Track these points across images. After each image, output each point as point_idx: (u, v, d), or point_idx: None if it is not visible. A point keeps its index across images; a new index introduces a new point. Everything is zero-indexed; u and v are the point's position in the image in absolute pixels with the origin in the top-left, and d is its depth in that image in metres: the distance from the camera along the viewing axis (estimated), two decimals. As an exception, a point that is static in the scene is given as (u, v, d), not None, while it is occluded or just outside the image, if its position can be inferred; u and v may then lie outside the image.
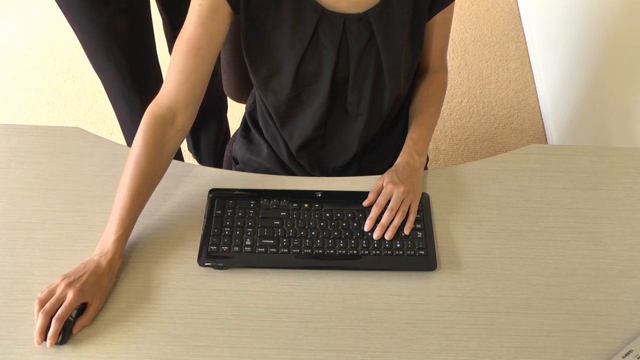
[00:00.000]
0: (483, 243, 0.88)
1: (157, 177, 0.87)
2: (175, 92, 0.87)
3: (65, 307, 0.75)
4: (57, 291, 0.76)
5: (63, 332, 0.75)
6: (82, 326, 0.77)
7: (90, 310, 0.78)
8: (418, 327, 0.79)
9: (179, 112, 0.88)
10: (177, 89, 0.87)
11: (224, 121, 1.69)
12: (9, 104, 2.12)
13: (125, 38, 1.27)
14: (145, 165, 0.84)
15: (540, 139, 2.05)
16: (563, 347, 0.78)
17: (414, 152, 0.95)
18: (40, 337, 0.74)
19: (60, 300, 0.76)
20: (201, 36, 0.85)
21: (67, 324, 0.76)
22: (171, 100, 0.87)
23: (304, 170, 1.09)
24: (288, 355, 0.76)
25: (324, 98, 0.95)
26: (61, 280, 0.77)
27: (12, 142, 0.98)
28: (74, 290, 0.76)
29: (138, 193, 0.83)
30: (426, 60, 1.03)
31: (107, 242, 0.80)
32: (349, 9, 0.87)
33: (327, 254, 0.85)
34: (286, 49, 0.89)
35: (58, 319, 0.74)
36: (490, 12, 2.49)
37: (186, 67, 0.86)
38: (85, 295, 0.77)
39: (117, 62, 1.30)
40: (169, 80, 0.87)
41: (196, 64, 0.86)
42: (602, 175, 0.98)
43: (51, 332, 0.74)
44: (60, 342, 0.75)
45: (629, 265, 0.86)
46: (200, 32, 0.85)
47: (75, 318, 0.76)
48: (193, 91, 0.88)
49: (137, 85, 1.38)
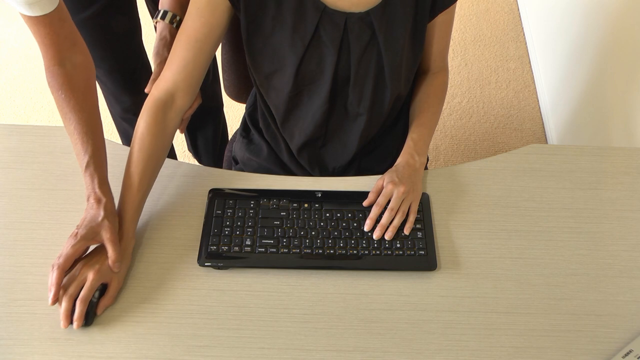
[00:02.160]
0: (483, 243, 0.88)
1: (161, 158, 0.90)
2: (173, 80, 0.90)
3: (87, 288, 0.77)
4: (77, 274, 0.78)
5: (87, 314, 0.77)
6: (105, 306, 0.79)
7: (111, 289, 0.80)
8: (418, 327, 0.79)
9: (177, 96, 0.91)
10: (175, 77, 0.90)
11: (220, 120, 1.69)
12: (9, 104, 2.12)
13: (113, 38, 1.27)
14: (150, 146, 0.87)
15: (540, 139, 2.06)
16: (563, 347, 0.78)
17: (414, 152, 0.95)
18: (66, 320, 0.76)
19: (81, 283, 0.78)
20: (199, 28, 0.88)
21: (91, 306, 0.78)
22: (170, 86, 0.90)
23: (304, 170, 1.09)
24: (288, 355, 0.76)
25: (325, 97, 0.95)
26: (80, 264, 0.79)
27: (12, 142, 0.98)
28: (94, 271, 0.78)
29: (144, 174, 0.86)
30: (427, 60, 1.03)
31: (120, 224, 0.82)
32: (351, 8, 0.87)
33: (327, 254, 0.85)
34: (287, 47, 0.89)
35: (82, 301, 0.76)
36: (490, 12, 2.49)
37: (184, 57, 0.89)
38: (105, 275, 0.79)
39: (106, 62, 1.30)
40: (168, 68, 0.90)
41: (194, 55, 0.89)
42: (602, 175, 0.98)
43: (77, 314, 0.76)
44: (85, 324, 0.77)
45: (629, 265, 0.87)
46: (198, 25, 0.88)
47: (98, 299, 0.78)
48: (190, 80, 0.91)
49: (128, 85, 1.38)
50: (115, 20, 1.25)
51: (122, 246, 0.81)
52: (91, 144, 0.84)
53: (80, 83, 0.87)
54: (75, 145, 0.85)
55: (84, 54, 0.88)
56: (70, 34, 0.86)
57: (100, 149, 0.86)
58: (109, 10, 1.22)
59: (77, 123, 0.84)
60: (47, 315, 0.78)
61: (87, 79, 0.89)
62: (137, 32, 1.36)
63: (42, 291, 0.80)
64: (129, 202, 0.84)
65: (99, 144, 0.86)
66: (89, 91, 0.88)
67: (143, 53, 1.41)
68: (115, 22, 1.25)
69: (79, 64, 0.87)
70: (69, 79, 0.86)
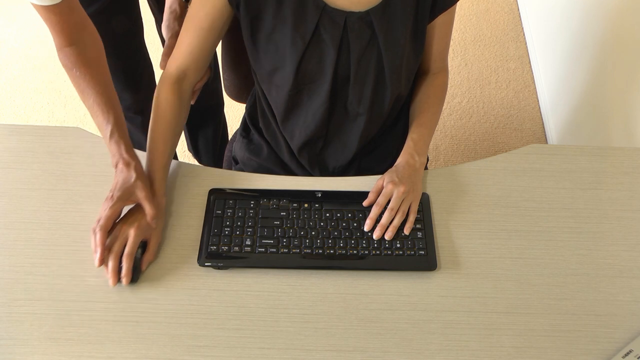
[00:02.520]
0: (483, 243, 0.88)
1: (180, 125, 0.96)
2: (182, 60, 0.96)
3: (131, 244, 0.81)
4: (118, 234, 0.82)
5: (133, 270, 0.81)
6: (149, 261, 0.83)
7: (152, 245, 0.84)
8: (418, 327, 0.79)
9: (188, 73, 0.97)
10: (184, 58, 0.95)
11: (221, 119, 1.69)
12: (9, 104, 2.12)
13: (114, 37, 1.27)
14: (170, 113, 0.93)
15: (540, 139, 2.06)
16: (563, 347, 0.78)
17: (415, 152, 0.95)
18: (114, 277, 0.80)
19: (124, 240, 0.81)
20: (203, 18, 0.91)
21: (136, 263, 0.81)
22: (180, 64, 0.96)
23: (304, 169, 1.09)
24: (288, 355, 0.76)
25: (325, 97, 0.95)
26: (119, 225, 0.83)
27: (12, 142, 0.98)
28: (134, 228, 0.82)
29: (167, 138, 0.92)
30: (427, 61, 1.03)
31: (151, 184, 0.87)
32: (351, 7, 0.87)
33: (327, 254, 0.85)
34: (288, 45, 0.89)
35: (128, 256, 0.80)
36: (490, 12, 2.49)
37: (190, 43, 0.94)
38: (145, 231, 0.83)
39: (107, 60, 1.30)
40: (178, 49, 0.96)
41: (199, 42, 0.94)
42: (602, 175, 0.98)
43: (125, 270, 0.80)
44: (133, 281, 0.81)
45: (629, 265, 0.87)
46: (202, 15, 0.91)
47: (141, 256, 0.82)
48: (198, 62, 0.96)
49: (129, 84, 1.38)
50: (116, 19, 1.25)
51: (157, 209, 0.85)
52: (112, 113, 0.88)
53: (93, 59, 0.91)
54: (96, 118, 0.89)
55: (94, 35, 0.92)
56: (80, 20, 0.90)
57: (121, 118, 0.90)
58: (110, 10, 1.22)
59: (96, 96, 0.88)
60: (47, 315, 0.78)
61: (99, 56, 0.93)
62: (138, 31, 1.36)
63: (42, 291, 0.81)
64: (156, 163, 0.89)
65: (118, 113, 0.90)
66: (102, 66, 0.93)
67: (145, 52, 1.41)
68: (116, 22, 1.25)
69: (90, 42, 0.91)
70: (82, 56, 0.89)
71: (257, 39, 0.92)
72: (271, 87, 0.97)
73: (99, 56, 0.93)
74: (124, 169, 0.85)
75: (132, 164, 0.85)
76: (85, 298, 0.80)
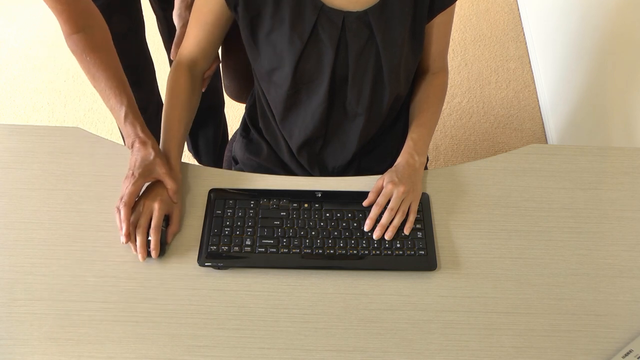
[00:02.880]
0: (483, 243, 0.88)
1: (193, 110, 0.99)
2: (191, 50, 0.99)
3: (157, 217, 0.83)
4: (142, 208, 0.84)
5: (160, 244, 0.83)
6: (174, 233, 0.86)
7: (175, 217, 0.86)
8: (418, 327, 0.79)
9: (198, 61, 1.00)
10: (193, 48, 0.99)
11: (221, 119, 1.69)
12: (9, 104, 2.12)
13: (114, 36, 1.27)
14: (183, 94, 0.97)
15: (540, 139, 2.06)
16: (563, 347, 0.78)
17: (414, 152, 0.95)
18: (143, 251, 0.82)
19: (149, 215, 0.84)
20: (207, 13, 0.94)
21: (163, 236, 0.83)
22: (189, 53, 0.99)
23: (304, 169, 1.09)
24: (288, 355, 0.76)
25: (323, 97, 0.95)
26: (141, 201, 0.85)
27: (12, 142, 0.98)
28: (158, 202, 0.84)
29: (182, 117, 0.95)
30: (426, 61, 1.03)
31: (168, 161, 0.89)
32: (349, 6, 0.87)
33: (327, 254, 0.85)
34: (286, 44, 0.89)
35: (155, 230, 0.82)
36: (490, 12, 2.49)
37: (197, 36, 0.97)
38: (168, 205, 0.86)
39: None
40: (187, 40, 0.99)
41: (205, 35, 0.97)
42: (602, 175, 0.98)
43: (153, 243, 0.82)
44: (161, 254, 0.83)
45: (629, 265, 0.86)
46: (206, 10, 0.93)
47: (166, 229, 0.85)
48: (205, 52, 1.00)
49: (130, 81, 1.38)
50: (117, 17, 1.25)
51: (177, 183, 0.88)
52: (125, 96, 0.91)
53: (101, 44, 0.93)
54: (108, 101, 0.91)
55: (101, 21, 0.94)
56: (86, 7, 0.92)
57: (133, 100, 0.92)
58: (111, 8, 1.22)
59: (107, 80, 0.90)
60: (47, 315, 0.78)
61: (107, 41, 0.94)
62: (139, 30, 1.36)
63: (42, 291, 0.81)
64: (172, 142, 0.92)
65: (131, 96, 0.92)
66: (110, 50, 0.95)
67: (146, 50, 1.41)
68: (116, 20, 1.25)
69: (97, 28, 0.93)
70: (90, 42, 0.91)
71: (256, 38, 0.92)
72: (270, 86, 0.98)
73: (107, 41, 0.95)
74: (141, 148, 0.87)
75: (148, 142, 0.88)
76: (85, 298, 0.80)
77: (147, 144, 0.87)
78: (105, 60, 0.91)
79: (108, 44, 0.95)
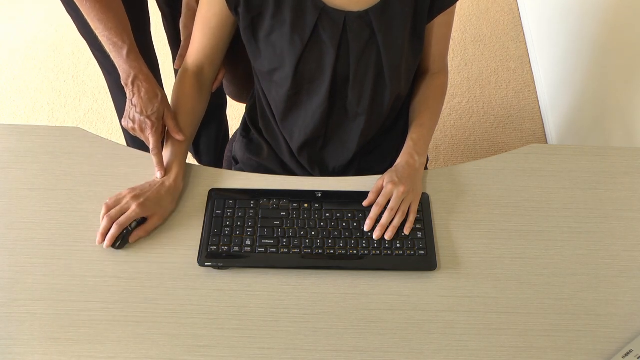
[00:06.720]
0: (483, 243, 0.88)
1: (199, 117, 1.00)
2: (197, 57, 0.99)
3: (126, 216, 0.83)
4: (123, 201, 0.84)
5: (122, 238, 0.84)
6: (139, 237, 0.85)
7: (149, 224, 0.85)
8: (418, 327, 0.79)
9: (204, 68, 1.00)
10: (198, 55, 0.99)
11: (223, 119, 1.68)
12: (9, 104, 2.12)
13: None
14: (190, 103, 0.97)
15: (540, 139, 2.05)
16: (563, 347, 0.78)
17: (414, 152, 0.95)
18: (101, 237, 0.83)
19: (124, 209, 0.84)
20: (211, 18, 0.94)
21: (127, 233, 0.84)
22: (195, 60, 0.99)
23: (304, 169, 1.09)
24: (288, 355, 0.76)
25: (324, 97, 0.95)
26: (128, 192, 0.86)
27: (12, 142, 0.98)
28: (137, 203, 0.84)
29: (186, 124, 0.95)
30: (427, 61, 1.03)
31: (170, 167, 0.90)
32: (350, 6, 0.87)
33: (327, 254, 0.85)
34: (287, 45, 0.89)
35: (118, 224, 0.83)
36: (490, 12, 2.49)
37: (201, 42, 0.97)
38: (147, 209, 0.85)
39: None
40: (193, 46, 0.99)
41: (210, 40, 0.97)
42: (602, 175, 0.98)
43: (110, 234, 0.83)
44: (117, 247, 0.84)
45: (629, 265, 0.87)
46: (210, 15, 0.94)
47: (133, 229, 0.84)
48: (211, 58, 1.00)
49: None
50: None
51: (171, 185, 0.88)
52: (127, 36, 0.90)
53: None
54: (108, 43, 0.91)
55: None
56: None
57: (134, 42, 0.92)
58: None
59: (108, 21, 0.90)
60: (47, 315, 0.78)
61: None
62: (145, 26, 1.35)
63: (42, 291, 0.81)
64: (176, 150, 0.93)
65: (132, 38, 0.92)
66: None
67: (151, 48, 1.40)
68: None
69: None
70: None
71: (257, 39, 0.92)
72: (271, 86, 0.98)
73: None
74: (144, 83, 0.87)
75: (152, 78, 0.89)
76: (85, 298, 0.80)
77: (150, 79, 0.87)
78: (105, 4, 0.90)
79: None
